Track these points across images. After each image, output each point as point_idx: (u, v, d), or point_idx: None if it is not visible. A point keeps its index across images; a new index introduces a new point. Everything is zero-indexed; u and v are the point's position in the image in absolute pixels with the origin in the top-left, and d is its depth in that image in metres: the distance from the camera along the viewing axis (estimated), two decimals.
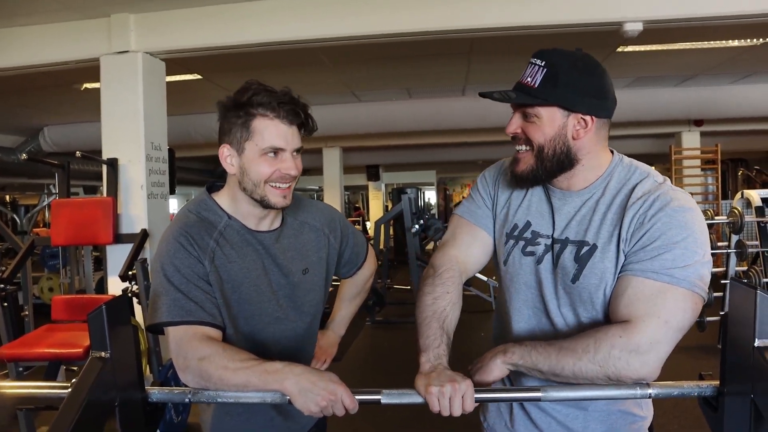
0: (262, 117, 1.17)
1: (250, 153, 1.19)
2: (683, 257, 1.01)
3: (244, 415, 1.35)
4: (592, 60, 1.11)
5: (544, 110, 1.10)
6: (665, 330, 0.99)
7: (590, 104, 1.09)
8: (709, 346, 4.65)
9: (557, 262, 1.14)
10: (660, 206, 1.05)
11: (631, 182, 1.12)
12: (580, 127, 1.10)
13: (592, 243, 1.10)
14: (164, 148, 3.91)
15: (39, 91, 5.58)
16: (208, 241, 1.20)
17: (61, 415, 0.82)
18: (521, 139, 1.15)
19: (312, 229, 1.37)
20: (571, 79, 1.08)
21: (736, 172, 11.03)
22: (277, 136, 1.17)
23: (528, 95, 1.10)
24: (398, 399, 1.02)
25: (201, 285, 1.17)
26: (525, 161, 1.15)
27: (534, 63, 1.11)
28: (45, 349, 2.71)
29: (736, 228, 4.54)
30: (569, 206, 1.16)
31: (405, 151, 10.95)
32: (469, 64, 5.37)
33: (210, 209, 1.26)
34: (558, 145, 1.11)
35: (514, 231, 1.22)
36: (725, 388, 0.95)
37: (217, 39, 3.60)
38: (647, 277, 1.02)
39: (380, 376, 4.08)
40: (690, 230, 1.02)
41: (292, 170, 1.20)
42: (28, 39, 3.76)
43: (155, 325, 1.16)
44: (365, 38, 3.51)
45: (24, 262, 3.37)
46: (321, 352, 1.55)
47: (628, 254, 1.06)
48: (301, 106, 1.21)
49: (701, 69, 5.73)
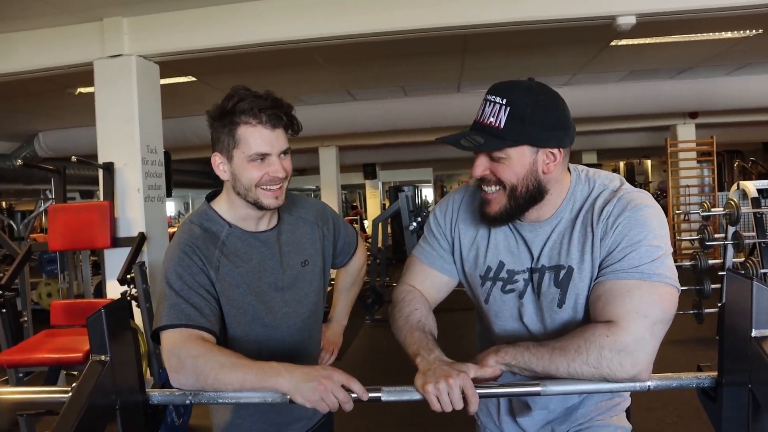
0: (246, 125, 1.21)
1: (238, 160, 1.23)
2: (648, 253, 1.04)
3: (257, 415, 1.37)
4: (552, 91, 1.10)
5: (514, 150, 1.07)
6: (647, 325, 0.99)
7: (557, 137, 1.08)
8: (708, 338, 4.67)
9: (539, 291, 1.15)
10: (619, 211, 1.08)
11: (592, 197, 1.14)
12: (549, 161, 1.09)
13: (567, 265, 1.12)
14: (160, 150, 3.90)
15: (33, 97, 5.57)
16: (214, 251, 1.26)
17: (62, 419, 0.83)
18: (491, 180, 1.11)
19: (306, 222, 1.43)
20: (537, 116, 1.05)
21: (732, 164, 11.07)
22: (261, 143, 1.21)
23: (495, 137, 1.06)
24: (399, 396, 1.02)
25: (201, 293, 1.21)
26: (497, 202, 1.12)
27: (493, 101, 1.07)
28: (45, 355, 2.70)
29: (732, 219, 4.55)
30: (541, 235, 1.16)
31: (401, 149, 10.96)
32: (463, 61, 5.37)
33: (212, 220, 1.30)
34: (530, 182, 1.09)
35: (488, 273, 1.21)
36: (723, 379, 0.96)
37: (210, 41, 3.59)
38: (618, 278, 1.04)
39: (379, 374, 4.07)
40: (649, 227, 1.05)
41: (279, 173, 1.23)
42: (21, 44, 3.75)
43: (156, 331, 1.18)
44: (359, 37, 3.51)
45: (22, 268, 3.36)
46: (328, 344, 1.61)
47: (601, 264, 1.08)
48: (284, 109, 1.23)
49: (695, 61, 5.74)
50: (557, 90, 1.11)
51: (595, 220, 1.10)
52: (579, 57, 5.41)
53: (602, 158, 13.93)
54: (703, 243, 4.79)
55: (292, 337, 1.35)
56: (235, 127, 1.21)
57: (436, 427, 3.20)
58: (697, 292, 4.66)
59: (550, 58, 5.38)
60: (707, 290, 4.62)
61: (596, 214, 1.10)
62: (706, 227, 4.86)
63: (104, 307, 0.94)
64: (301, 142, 8.96)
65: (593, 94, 6.67)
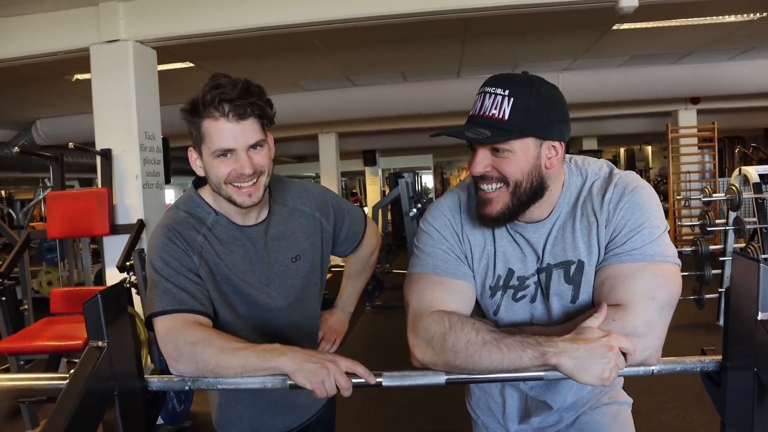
0: (209, 118, 1.13)
1: (206, 155, 1.17)
2: (650, 234, 1.03)
3: (248, 400, 1.36)
4: (550, 84, 1.06)
5: (519, 143, 1.02)
6: (654, 307, 0.98)
7: (559, 130, 1.05)
8: (708, 323, 4.68)
9: (547, 292, 1.12)
10: (618, 197, 1.06)
11: (586, 186, 1.11)
12: (552, 155, 1.06)
13: (576, 260, 1.09)
14: (158, 137, 3.87)
15: (30, 84, 5.52)
16: (195, 236, 1.21)
17: (59, 405, 0.82)
18: (492, 177, 1.05)
19: (302, 214, 1.35)
20: (540, 107, 1.02)
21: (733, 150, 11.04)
22: (223, 138, 1.13)
23: (501, 130, 1.00)
24: (400, 381, 1.01)
25: (190, 276, 1.18)
26: (499, 200, 1.06)
27: (493, 93, 1.02)
28: (45, 342, 2.71)
29: (734, 205, 4.53)
30: (543, 234, 1.12)
31: (401, 135, 10.91)
32: (463, 46, 5.32)
33: (198, 206, 1.26)
34: (534, 177, 1.05)
35: (498, 282, 1.15)
36: (728, 363, 0.95)
37: (207, 25, 3.54)
38: (622, 261, 1.03)
39: (380, 360, 4.09)
40: (650, 208, 1.05)
41: (246, 169, 1.15)
42: (16, 30, 3.70)
43: (149, 318, 1.16)
44: (358, 21, 3.46)
45: (21, 256, 3.36)
46: (330, 331, 1.53)
47: (605, 250, 1.07)
48: (251, 98, 1.14)
49: (698, 46, 5.69)
50: (558, 75, 1.08)
51: (597, 208, 1.08)
52: (580, 42, 5.35)
53: (602, 144, 13.88)
54: (704, 229, 4.78)
55: (277, 334, 1.29)
56: (201, 120, 1.14)
57: (434, 413, 3.22)
58: (697, 278, 4.66)
59: (551, 42, 5.33)
60: (708, 276, 4.62)
61: (597, 202, 1.08)
62: (708, 213, 4.85)
63: (101, 292, 0.92)
64: (300, 128, 8.92)
65: (594, 79, 6.61)
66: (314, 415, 1.46)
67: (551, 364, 0.93)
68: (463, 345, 0.99)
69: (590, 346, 0.92)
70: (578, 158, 1.17)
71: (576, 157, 1.17)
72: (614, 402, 1.27)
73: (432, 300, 1.09)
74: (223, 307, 1.24)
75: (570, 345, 0.93)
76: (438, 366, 1.02)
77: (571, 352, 0.92)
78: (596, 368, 0.90)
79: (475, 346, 0.98)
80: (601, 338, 0.92)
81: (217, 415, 1.40)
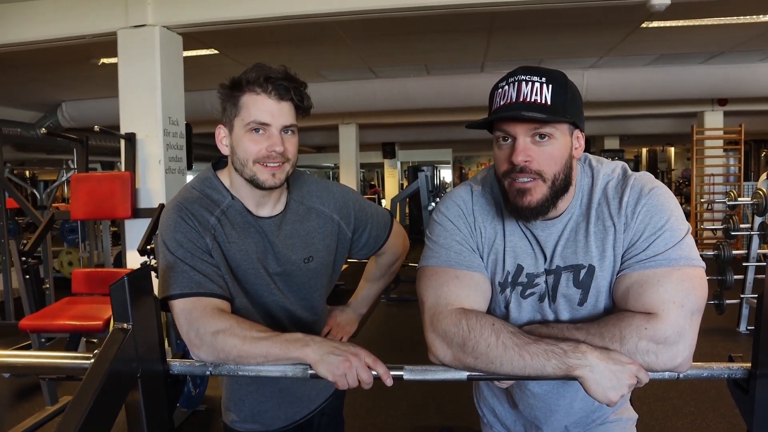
0: (250, 92, 1.15)
1: (237, 130, 1.17)
2: (672, 237, 1.00)
3: (253, 386, 1.36)
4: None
5: (561, 129, 1.01)
6: (685, 315, 0.96)
7: (583, 121, 1.06)
8: (728, 329, 4.61)
9: (555, 294, 1.10)
10: (635, 199, 1.03)
11: (599, 187, 1.08)
12: (578, 145, 1.05)
13: (587, 264, 1.06)
14: (182, 123, 3.91)
15: (56, 66, 5.60)
16: (209, 218, 1.20)
17: (84, 384, 0.82)
18: (530, 167, 1.01)
19: (320, 215, 1.32)
20: (575, 95, 1.03)
21: (759, 154, 10.82)
22: (262, 111, 1.14)
23: (546, 113, 0.98)
24: (421, 375, 1.01)
25: (206, 258, 1.17)
26: (537, 190, 1.02)
27: (530, 80, 1.00)
28: (66, 321, 2.75)
29: (760, 210, 4.44)
30: (554, 234, 1.09)
31: (421, 128, 10.87)
32: (489, 40, 5.27)
33: (214, 187, 1.24)
34: (567, 167, 1.03)
35: (507, 278, 1.12)
36: (758, 371, 0.93)
37: (234, 13, 3.56)
38: (646, 267, 0.99)
39: (395, 353, 4.09)
40: (669, 210, 1.02)
41: (277, 146, 1.15)
42: (45, 13, 3.75)
43: (165, 300, 1.14)
44: (386, 12, 3.45)
45: (44, 236, 3.41)
46: (338, 328, 1.51)
47: (623, 255, 1.04)
48: (294, 83, 1.17)
49: (728, 46, 5.57)
50: (583, 72, 1.07)
51: (615, 213, 1.04)
52: (608, 39, 5.27)
53: (624, 144, 13.69)
54: (728, 233, 4.69)
55: (280, 324, 1.28)
56: (240, 94, 1.16)
57: (446, 408, 3.22)
58: (718, 283, 4.59)
59: (578, 38, 5.25)
60: (729, 281, 4.54)
61: (614, 205, 1.05)
62: (732, 217, 4.75)
63: (127, 275, 0.93)
64: (321, 119, 8.92)
65: (620, 77, 6.51)
66: (318, 408, 1.45)
67: (574, 375, 0.93)
68: (484, 350, 0.98)
69: (616, 368, 0.92)
70: (593, 158, 1.15)
71: (591, 157, 1.15)
72: (620, 419, 1.26)
73: (449, 297, 1.06)
74: (235, 289, 1.22)
75: (598, 362, 0.93)
76: (459, 367, 1.02)
77: (595, 367, 0.92)
78: (611, 392, 0.92)
79: (496, 351, 0.97)
80: (629, 364, 0.93)
81: (225, 395, 1.41)
